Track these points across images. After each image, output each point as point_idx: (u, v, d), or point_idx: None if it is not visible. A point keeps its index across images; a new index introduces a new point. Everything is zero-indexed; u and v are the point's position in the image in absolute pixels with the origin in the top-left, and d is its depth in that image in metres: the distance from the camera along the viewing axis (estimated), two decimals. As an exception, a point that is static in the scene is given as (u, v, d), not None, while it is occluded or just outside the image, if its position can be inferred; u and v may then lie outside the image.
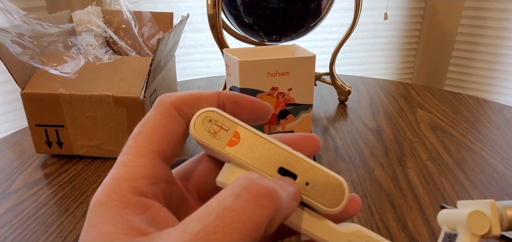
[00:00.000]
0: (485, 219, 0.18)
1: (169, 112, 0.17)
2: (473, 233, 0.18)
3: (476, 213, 0.18)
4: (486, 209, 0.18)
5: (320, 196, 0.17)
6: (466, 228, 0.18)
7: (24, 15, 0.48)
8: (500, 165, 0.49)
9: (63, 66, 0.49)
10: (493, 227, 0.18)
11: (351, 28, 0.66)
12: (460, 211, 0.19)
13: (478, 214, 0.18)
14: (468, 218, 0.18)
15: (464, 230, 0.19)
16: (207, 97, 0.18)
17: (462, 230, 0.19)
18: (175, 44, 0.63)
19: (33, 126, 0.49)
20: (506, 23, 1.25)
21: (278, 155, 0.17)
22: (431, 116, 0.65)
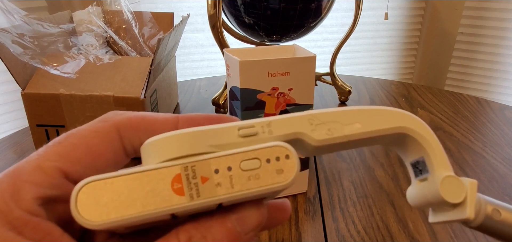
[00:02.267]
0: (462, 187, 0.16)
1: (107, 134, 0.15)
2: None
3: (451, 178, 0.16)
4: (465, 182, 0.17)
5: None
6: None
7: (24, 15, 0.48)
8: (501, 165, 0.49)
9: (64, 66, 0.49)
10: (469, 202, 0.16)
11: (351, 28, 0.66)
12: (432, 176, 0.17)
13: (454, 180, 0.16)
14: (442, 181, 0.16)
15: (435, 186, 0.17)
16: (162, 122, 0.16)
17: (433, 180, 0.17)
18: (175, 44, 0.63)
19: (34, 126, 0.49)
20: (507, 23, 1.25)
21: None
22: (432, 117, 0.65)
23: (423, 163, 0.17)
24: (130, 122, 0.15)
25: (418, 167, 0.18)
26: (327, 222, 0.39)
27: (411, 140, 0.17)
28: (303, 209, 0.41)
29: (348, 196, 0.43)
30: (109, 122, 0.15)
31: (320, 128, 0.16)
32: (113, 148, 0.15)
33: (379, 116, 0.17)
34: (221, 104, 0.64)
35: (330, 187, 0.45)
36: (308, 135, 0.16)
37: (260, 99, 0.36)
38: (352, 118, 0.17)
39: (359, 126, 0.16)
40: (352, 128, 0.16)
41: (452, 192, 0.16)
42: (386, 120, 0.17)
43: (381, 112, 0.17)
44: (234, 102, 0.38)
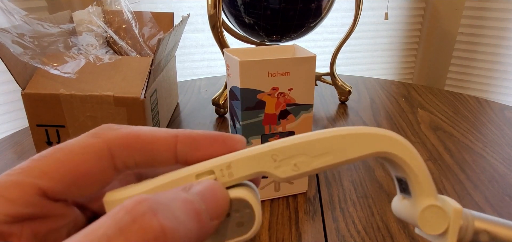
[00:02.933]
0: (443, 217, 0.15)
1: (97, 153, 0.14)
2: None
3: (433, 209, 0.15)
4: (449, 211, 0.15)
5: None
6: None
7: (24, 15, 0.48)
8: (501, 165, 0.49)
9: (64, 66, 0.49)
10: (450, 233, 0.15)
11: (351, 28, 0.66)
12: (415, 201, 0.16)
13: (437, 210, 0.15)
14: (422, 211, 0.15)
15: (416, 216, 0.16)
16: (160, 142, 0.15)
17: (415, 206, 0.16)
18: (175, 44, 0.63)
19: (34, 126, 0.49)
20: (507, 23, 1.25)
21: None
22: (432, 117, 0.65)
23: (406, 183, 0.16)
24: (124, 140, 0.14)
25: (402, 185, 0.17)
26: (327, 222, 0.39)
27: (393, 161, 0.16)
28: (303, 209, 0.41)
29: (348, 196, 0.43)
30: (100, 138, 0.14)
31: (285, 164, 0.15)
32: (101, 167, 0.14)
33: (354, 142, 0.15)
34: (221, 104, 0.64)
35: (330, 187, 0.45)
36: (272, 174, 0.15)
37: (260, 99, 0.36)
38: (322, 148, 0.15)
39: (331, 157, 0.15)
40: (321, 160, 0.15)
41: (432, 223, 0.15)
42: (362, 146, 0.15)
43: (356, 138, 0.15)
44: (234, 102, 0.38)
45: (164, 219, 0.11)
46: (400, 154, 0.15)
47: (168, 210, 0.12)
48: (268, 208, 0.41)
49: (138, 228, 0.11)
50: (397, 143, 0.15)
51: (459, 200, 0.42)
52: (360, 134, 0.15)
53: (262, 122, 0.38)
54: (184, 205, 0.12)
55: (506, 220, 0.16)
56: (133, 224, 0.11)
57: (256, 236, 0.37)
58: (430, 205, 0.15)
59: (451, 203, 0.15)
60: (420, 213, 0.15)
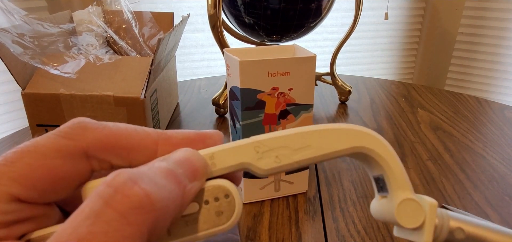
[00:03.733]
0: (419, 211, 0.15)
1: (72, 156, 0.13)
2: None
3: (409, 202, 0.15)
4: (425, 205, 0.16)
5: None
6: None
7: (24, 15, 0.48)
8: (501, 165, 0.49)
9: (64, 66, 0.49)
10: (427, 226, 0.15)
11: (351, 28, 0.66)
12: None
13: (412, 203, 0.15)
14: (398, 205, 0.15)
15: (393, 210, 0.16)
16: (140, 145, 0.15)
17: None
18: (175, 44, 0.63)
19: (34, 126, 0.49)
20: (507, 23, 1.25)
21: None
22: (432, 117, 0.65)
23: (383, 181, 0.16)
24: (101, 143, 0.14)
25: (379, 183, 0.17)
26: (327, 222, 0.39)
27: (370, 158, 0.16)
28: (303, 209, 0.41)
29: (348, 196, 0.43)
30: (75, 141, 0.13)
31: (267, 156, 0.15)
32: (76, 170, 0.14)
33: (333, 137, 0.16)
34: (221, 104, 0.64)
35: (330, 187, 0.45)
36: (254, 165, 0.15)
37: (260, 99, 0.36)
38: (303, 142, 0.15)
39: (311, 151, 0.15)
40: (302, 153, 0.15)
41: (408, 216, 0.15)
42: (341, 140, 0.16)
43: (335, 132, 0.16)
44: (234, 102, 0.38)
45: (145, 185, 0.11)
46: (376, 149, 0.16)
47: (147, 177, 0.12)
48: (268, 208, 0.41)
49: (122, 196, 0.11)
50: (373, 139, 0.16)
51: (459, 200, 0.42)
52: (339, 129, 0.16)
53: (262, 121, 0.38)
54: (161, 172, 0.12)
55: (482, 219, 0.17)
56: (116, 194, 0.11)
57: (256, 236, 0.37)
58: (406, 199, 0.15)
59: (427, 199, 0.16)
60: (397, 207, 0.15)
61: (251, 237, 0.37)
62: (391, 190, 0.16)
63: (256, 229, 0.38)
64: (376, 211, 0.18)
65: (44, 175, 0.13)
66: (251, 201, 0.42)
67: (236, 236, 0.35)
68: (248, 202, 0.42)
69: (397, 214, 0.15)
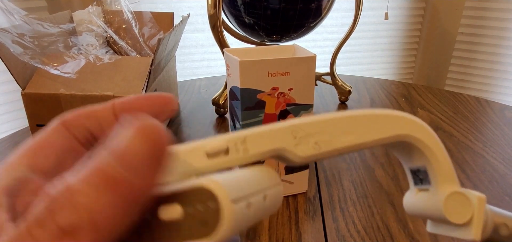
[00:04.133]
0: (468, 205, 0.14)
1: (53, 129, 0.17)
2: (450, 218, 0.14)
3: (457, 195, 0.14)
4: (473, 199, 0.14)
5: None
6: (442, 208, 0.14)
7: (24, 15, 0.48)
8: (501, 165, 0.49)
9: (64, 66, 0.49)
10: (475, 223, 0.14)
11: (351, 28, 0.66)
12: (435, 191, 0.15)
13: (461, 197, 0.14)
14: (446, 198, 0.14)
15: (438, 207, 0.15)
16: (101, 109, 0.18)
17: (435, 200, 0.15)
18: (175, 44, 0.63)
19: (34, 126, 0.49)
20: (507, 23, 1.25)
21: None
22: (432, 117, 0.65)
23: (425, 173, 0.15)
24: (73, 115, 0.17)
25: (419, 175, 0.16)
26: (327, 222, 0.39)
27: (413, 147, 0.15)
28: (303, 209, 0.41)
29: (348, 196, 0.43)
30: (55, 122, 0.17)
31: (305, 142, 0.14)
32: (62, 137, 0.17)
33: (377, 123, 0.14)
34: (221, 104, 0.64)
35: (330, 187, 0.45)
36: (291, 151, 0.14)
37: (260, 99, 0.36)
38: (345, 128, 0.14)
39: (353, 137, 0.14)
40: (344, 140, 0.14)
41: (457, 211, 0.14)
42: (385, 128, 0.14)
43: (380, 118, 0.14)
44: (234, 102, 0.38)
45: (63, 219, 0.10)
46: (423, 138, 0.14)
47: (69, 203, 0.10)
48: (268, 208, 0.41)
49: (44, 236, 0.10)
50: (420, 127, 0.15)
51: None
52: (384, 115, 0.14)
53: (262, 121, 0.38)
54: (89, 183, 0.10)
55: None
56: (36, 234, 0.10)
57: (256, 236, 0.37)
58: (454, 192, 0.14)
59: (474, 193, 0.14)
60: (445, 200, 0.14)
61: (251, 237, 0.37)
62: (436, 182, 0.15)
63: (256, 229, 0.38)
64: (413, 205, 0.16)
65: (44, 147, 0.16)
66: (251, 201, 0.42)
67: (236, 236, 0.35)
68: (248, 202, 0.42)
69: (446, 208, 0.14)
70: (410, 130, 0.15)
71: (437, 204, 0.15)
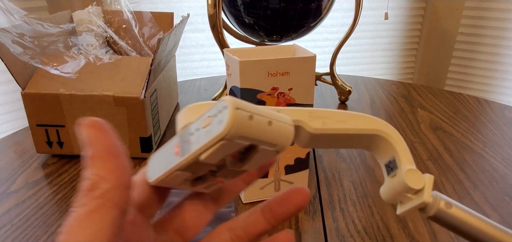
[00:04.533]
0: (421, 178, 0.20)
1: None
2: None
3: (414, 171, 0.20)
4: (425, 175, 0.20)
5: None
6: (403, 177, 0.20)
7: (24, 15, 0.48)
8: (501, 165, 0.49)
9: (64, 66, 0.49)
10: (426, 189, 0.20)
11: (351, 28, 0.66)
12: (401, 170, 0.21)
13: (416, 172, 0.20)
14: (406, 172, 0.20)
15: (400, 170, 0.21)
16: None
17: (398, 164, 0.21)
18: (175, 44, 0.63)
19: (34, 125, 0.49)
20: (507, 23, 1.25)
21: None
22: (432, 117, 0.65)
23: (394, 162, 0.21)
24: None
25: (390, 166, 0.21)
26: (327, 222, 0.39)
27: (384, 141, 0.21)
28: (303, 209, 0.41)
29: (348, 196, 0.43)
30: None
31: (316, 119, 0.20)
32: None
33: (362, 120, 0.21)
34: (221, 104, 0.64)
35: (330, 187, 0.45)
36: (307, 123, 0.20)
37: (260, 99, 0.36)
38: (342, 117, 0.21)
39: (346, 124, 0.21)
40: (340, 124, 0.21)
41: (414, 180, 0.20)
42: (367, 123, 0.21)
43: (364, 117, 0.21)
44: (234, 102, 0.38)
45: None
46: (391, 133, 0.21)
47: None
48: (268, 208, 0.41)
49: None
50: (389, 127, 0.21)
51: (459, 200, 0.42)
52: (367, 116, 0.21)
53: (262, 121, 0.37)
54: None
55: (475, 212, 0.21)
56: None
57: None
58: (412, 169, 0.20)
59: (426, 174, 0.21)
60: (405, 173, 0.20)
61: (251, 237, 0.37)
62: (400, 166, 0.20)
63: (256, 229, 0.38)
64: (386, 189, 0.21)
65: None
66: (251, 201, 0.42)
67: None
68: (248, 202, 0.42)
69: (406, 177, 0.20)
70: (382, 127, 0.21)
71: (401, 180, 0.20)
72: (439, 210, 0.20)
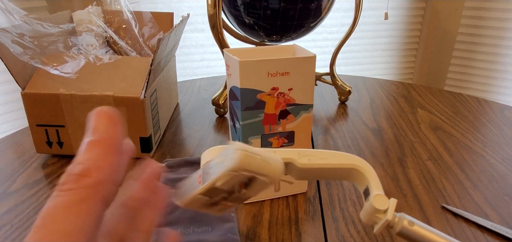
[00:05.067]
0: (386, 201, 0.24)
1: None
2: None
3: (380, 196, 0.24)
4: (389, 199, 0.25)
5: None
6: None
7: (24, 15, 0.48)
8: (501, 165, 0.49)
9: (64, 66, 0.49)
10: (390, 210, 0.24)
11: (351, 28, 0.66)
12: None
13: (382, 197, 0.24)
14: (374, 197, 0.24)
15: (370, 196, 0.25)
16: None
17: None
18: (175, 44, 0.63)
19: (34, 126, 0.49)
20: (507, 23, 1.25)
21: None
22: (432, 117, 0.65)
23: (368, 190, 0.25)
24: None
25: (366, 193, 0.26)
26: (327, 222, 0.39)
27: (359, 173, 0.26)
28: (303, 209, 0.41)
29: (348, 196, 0.43)
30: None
31: (303, 158, 0.26)
32: None
33: (341, 157, 0.26)
34: (221, 104, 0.64)
35: (330, 187, 0.45)
36: (297, 160, 0.25)
37: (260, 99, 0.36)
38: (325, 155, 0.26)
39: (327, 161, 0.26)
40: (324, 160, 0.26)
41: (379, 203, 0.24)
42: (345, 159, 0.26)
43: (342, 155, 0.26)
44: (234, 102, 0.38)
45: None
46: (364, 166, 0.26)
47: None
48: (268, 208, 0.41)
49: None
50: (363, 162, 0.26)
51: (459, 200, 0.42)
52: (345, 154, 0.27)
53: (262, 121, 0.38)
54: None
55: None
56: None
57: (256, 236, 0.37)
58: (379, 194, 0.25)
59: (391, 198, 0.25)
60: (374, 197, 0.24)
61: (251, 237, 0.37)
62: (371, 192, 0.25)
63: (256, 229, 0.38)
64: (364, 212, 0.26)
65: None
66: (251, 201, 0.42)
67: (236, 236, 0.35)
68: (248, 202, 0.42)
69: (373, 201, 0.24)
70: (357, 162, 0.26)
71: (370, 203, 0.24)
72: (403, 227, 0.24)
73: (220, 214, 0.26)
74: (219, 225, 0.37)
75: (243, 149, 0.20)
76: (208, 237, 0.35)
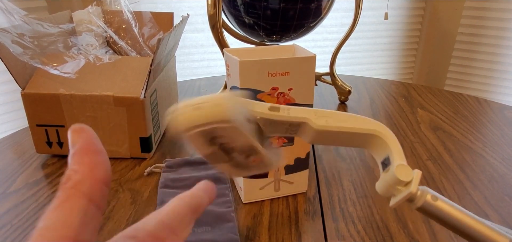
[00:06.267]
0: (410, 172, 0.22)
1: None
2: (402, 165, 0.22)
3: (404, 166, 0.22)
4: (414, 170, 0.23)
5: None
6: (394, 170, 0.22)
7: (24, 15, 0.48)
8: (501, 165, 0.49)
9: (64, 66, 0.49)
10: (414, 181, 0.22)
11: (351, 28, 0.66)
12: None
13: (406, 167, 0.22)
14: (397, 167, 0.22)
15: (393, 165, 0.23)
16: None
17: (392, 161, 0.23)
18: (175, 44, 0.63)
19: (34, 126, 0.49)
20: (507, 23, 1.25)
21: None
22: (432, 117, 0.65)
23: (388, 159, 0.23)
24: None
25: (385, 163, 0.24)
26: (327, 222, 0.39)
27: (380, 140, 0.24)
28: (303, 209, 0.41)
29: (348, 196, 0.43)
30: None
31: (321, 118, 0.23)
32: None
33: (361, 121, 0.24)
34: (221, 104, 0.64)
35: (330, 187, 0.45)
36: (313, 121, 0.23)
37: (260, 99, 0.36)
38: (343, 117, 0.24)
39: (346, 124, 0.24)
40: (341, 124, 0.24)
41: (403, 173, 0.22)
42: (365, 124, 0.24)
43: (363, 119, 0.24)
44: (234, 102, 0.38)
45: None
46: (386, 133, 0.24)
47: None
48: (268, 208, 0.41)
49: None
50: (384, 128, 0.24)
51: (459, 200, 0.42)
52: (365, 118, 0.24)
53: (262, 121, 0.37)
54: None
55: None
56: None
57: (256, 236, 0.37)
58: (402, 164, 0.22)
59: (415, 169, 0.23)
60: (396, 168, 0.22)
61: (251, 237, 0.37)
62: (393, 161, 0.23)
63: (256, 229, 0.38)
64: (381, 183, 0.24)
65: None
66: (251, 201, 0.42)
67: (236, 236, 0.35)
68: (248, 202, 0.42)
69: (396, 171, 0.22)
70: (379, 127, 0.24)
71: (392, 173, 0.22)
72: (425, 201, 0.22)
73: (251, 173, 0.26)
74: (219, 225, 0.37)
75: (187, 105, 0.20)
76: (208, 237, 0.35)
